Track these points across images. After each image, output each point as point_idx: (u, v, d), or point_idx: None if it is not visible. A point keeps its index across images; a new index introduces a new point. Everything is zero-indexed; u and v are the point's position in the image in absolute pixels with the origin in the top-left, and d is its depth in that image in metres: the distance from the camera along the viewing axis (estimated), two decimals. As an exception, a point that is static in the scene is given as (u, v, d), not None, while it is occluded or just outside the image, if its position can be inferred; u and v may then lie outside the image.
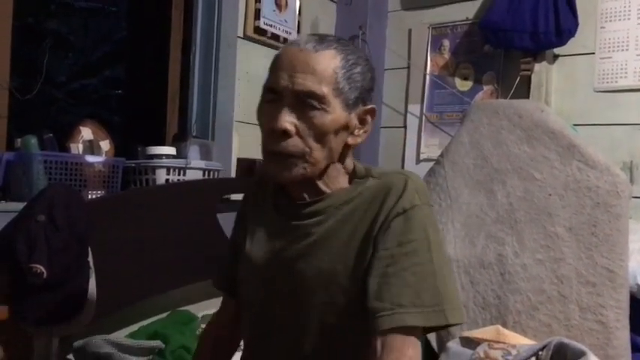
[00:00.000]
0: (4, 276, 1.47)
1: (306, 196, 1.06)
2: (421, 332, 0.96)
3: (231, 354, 1.29)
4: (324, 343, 1.03)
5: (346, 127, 1.03)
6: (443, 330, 1.93)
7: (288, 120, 0.99)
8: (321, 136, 1.00)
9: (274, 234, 1.09)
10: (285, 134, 0.99)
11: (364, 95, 1.04)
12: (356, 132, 1.05)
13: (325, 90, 0.98)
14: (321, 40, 1.01)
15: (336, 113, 1.00)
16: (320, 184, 1.06)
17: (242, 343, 1.23)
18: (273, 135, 1.00)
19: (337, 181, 1.07)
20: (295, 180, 1.03)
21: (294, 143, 0.99)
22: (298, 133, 0.99)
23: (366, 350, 0.99)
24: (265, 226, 1.12)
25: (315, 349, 1.04)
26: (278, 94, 1.00)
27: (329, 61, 0.99)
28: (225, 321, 1.25)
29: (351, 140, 1.05)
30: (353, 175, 1.08)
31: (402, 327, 0.93)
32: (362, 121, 1.05)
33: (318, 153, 1.01)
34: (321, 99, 0.98)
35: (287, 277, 1.05)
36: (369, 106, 1.05)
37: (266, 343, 1.09)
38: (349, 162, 1.09)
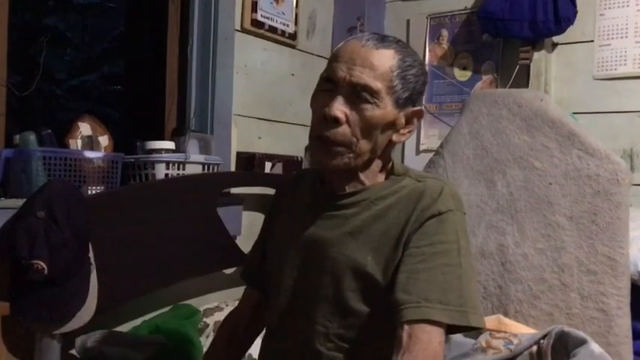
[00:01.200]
0: (5, 272, 1.48)
1: (345, 187, 1.11)
2: (445, 331, 0.98)
3: (250, 342, 1.32)
4: (349, 328, 1.06)
5: (393, 125, 1.07)
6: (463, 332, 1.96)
7: (340, 108, 1.03)
8: (369, 129, 1.04)
9: (309, 222, 1.12)
10: (336, 121, 1.03)
11: (415, 97, 1.08)
12: (401, 131, 1.09)
13: (380, 85, 1.03)
14: (383, 39, 1.07)
15: (386, 109, 1.04)
16: (361, 176, 1.10)
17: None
18: (323, 121, 1.04)
19: (376, 175, 1.11)
20: (339, 168, 1.07)
21: (343, 132, 1.04)
22: (348, 122, 1.04)
23: (388, 339, 1.00)
24: (300, 217, 1.15)
25: (339, 334, 1.07)
26: (334, 84, 1.05)
27: (387, 60, 1.04)
28: (247, 310, 1.29)
29: (395, 138, 1.09)
30: (391, 172, 1.13)
31: (428, 320, 0.95)
32: (408, 121, 1.09)
33: (364, 145, 1.05)
34: (374, 93, 1.03)
35: (319, 264, 1.09)
36: (417, 108, 1.10)
37: (291, 327, 1.13)
38: (389, 159, 1.13)
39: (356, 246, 1.06)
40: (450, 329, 1.01)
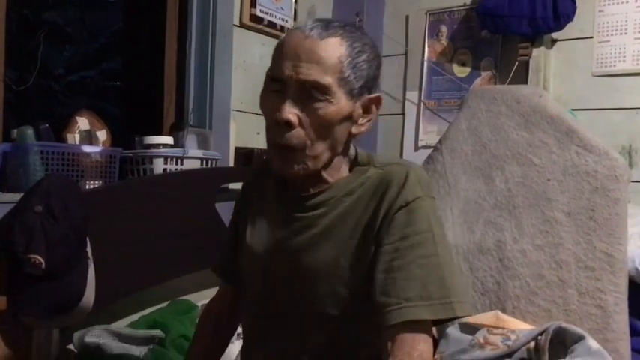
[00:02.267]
0: (2, 267, 1.47)
1: (309, 188, 1.05)
2: (431, 326, 0.95)
3: (231, 333, 1.30)
4: (325, 333, 1.02)
5: (350, 118, 1.01)
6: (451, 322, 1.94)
7: (291, 111, 0.96)
8: (324, 128, 0.98)
9: (276, 225, 1.08)
10: (289, 126, 0.96)
11: (370, 84, 1.02)
12: (360, 121, 1.03)
13: (330, 80, 0.95)
14: (327, 26, 0.98)
15: (340, 104, 0.97)
16: (324, 174, 1.04)
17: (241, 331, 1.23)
18: (276, 126, 0.98)
19: (340, 171, 1.05)
20: (299, 176, 1.01)
21: (297, 135, 0.97)
22: (301, 125, 0.97)
23: (366, 341, 0.99)
24: (266, 217, 1.11)
25: (316, 340, 1.03)
26: (282, 84, 0.98)
27: (334, 50, 0.96)
28: (224, 303, 1.26)
29: (354, 130, 1.03)
30: (354, 163, 1.07)
31: (411, 321, 0.91)
32: (366, 110, 1.03)
33: (320, 146, 0.99)
34: (325, 89, 0.96)
35: (289, 269, 1.04)
36: (375, 95, 1.03)
37: (266, 332, 1.09)
38: (352, 150, 1.08)
39: (327, 248, 1.01)
40: (440, 321, 0.97)
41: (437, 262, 0.95)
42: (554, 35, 2.53)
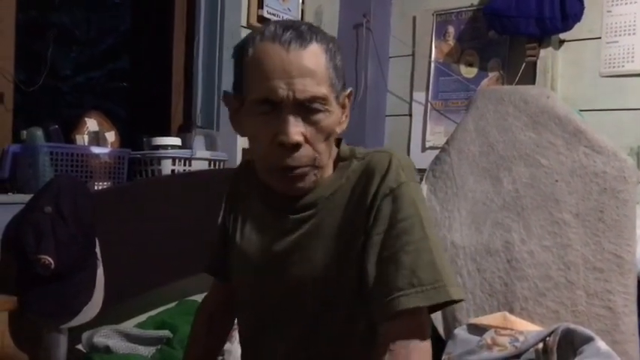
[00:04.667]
0: (12, 267, 1.48)
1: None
2: (427, 313, 0.93)
3: (227, 329, 1.30)
4: (317, 331, 1.01)
5: (338, 120, 1.00)
6: (446, 309, 1.94)
7: (296, 131, 0.93)
8: (327, 137, 0.96)
9: (265, 227, 1.06)
10: (298, 147, 0.94)
11: (344, 80, 1.00)
12: (342, 120, 1.01)
13: (324, 90, 0.94)
14: (298, 33, 0.93)
15: (335, 110, 0.97)
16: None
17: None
18: (279, 149, 0.94)
19: (326, 170, 1.03)
20: (307, 190, 0.99)
21: (306, 152, 0.95)
22: (307, 141, 0.95)
23: (357, 336, 0.97)
24: (255, 218, 1.09)
25: (308, 337, 1.02)
26: (272, 105, 0.93)
27: (318, 58, 0.93)
28: (218, 299, 1.25)
29: (339, 129, 1.01)
30: (337, 159, 1.04)
31: (404, 310, 0.89)
32: (344, 108, 1.01)
33: (325, 155, 0.98)
34: (323, 100, 0.94)
35: (280, 270, 1.02)
36: (349, 90, 1.02)
37: (261, 332, 1.08)
38: (334, 148, 1.05)
39: (317, 247, 0.98)
40: (435, 307, 0.93)
41: (426, 246, 0.92)
42: (562, 36, 2.52)
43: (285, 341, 1.04)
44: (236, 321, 1.23)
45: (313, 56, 0.93)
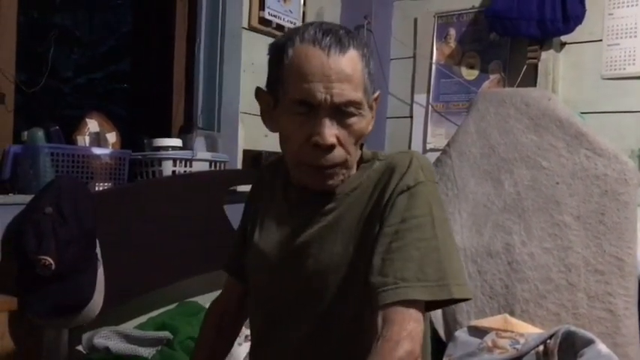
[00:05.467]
0: (13, 268, 1.48)
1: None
2: (424, 307, 0.95)
3: (237, 332, 1.30)
4: (329, 327, 1.03)
5: (369, 123, 1.04)
6: (447, 311, 1.93)
7: (332, 133, 0.97)
8: (359, 140, 1.02)
9: (286, 222, 1.09)
10: (332, 148, 0.98)
11: (374, 83, 1.04)
12: (370, 121, 1.06)
13: (360, 95, 0.99)
14: (339, 39, 0.97)
15: (368, 115, 1.02)
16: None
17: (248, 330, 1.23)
18: (314, 148, 0.99)
19: (353, 169, 1.07)
20: (334, 188, 1.04)
21: (339, 154, 1.00)
22: (341, 143, 0.99)
23: (367, 332, 0.98)
24: (275, 216, 1.12)
25: (321, 333, 1.03)
26: (310, 106, 0.97)
27: (356, 64, 0.98)
28: (230, 301, 1.26)
29: (366, 131, 1.05)
30: (360, 161, 1.08)
31: (404, 301, 0.92)
32: (372, 110, 1.05)
33: (355, 156, 1.03)
34: (359, 105, 0.99)
35: (298, 263, 1.05)
36: (377, 94, 1.06)
37: (273, 327, 1.10)
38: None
39: (335, 239, 1.02)
40: (437, 304, 0.97)
41: (435, 245, 0.95)
42: (564, 38, 2.52)
43: (297, 336, 1.05)
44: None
45: (351, 62, 0.97)
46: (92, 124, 1.92)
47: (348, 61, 0.97)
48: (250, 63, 2.40)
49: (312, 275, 1.03)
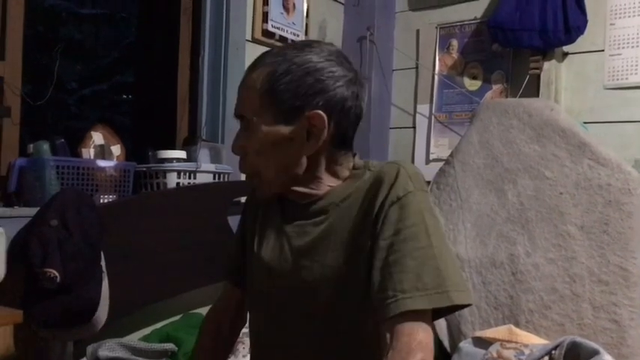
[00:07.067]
0: (18, 280, 1.49)
1: (304, 199, 1.08)
2: (430, 317, 0.95)
3: (234, 339, 1.31)
4: (330, 336, 1.04)
5: (288, 141, 1.02)
6: (452, 322, 1.93)
7: (235, 143, 1.07)
8: (258, 153, 1.04)
9: (281, 232, 1.11)
10: (241, 157, 1.07)
11: (305, 102, 1.00)
12: (307, 144, 1.02)
13: (247, 111, 1.03)
14: (261, 57, 1.05)
15: (263, 132, 1.02)
16: (310, 190, 1.07)
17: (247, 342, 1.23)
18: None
19: (325, 184, 1.07)
20: (267, 197, 1.11)
21: (246, 163, 1.07)
22: (246, 154, 1.06)
23: (370, 339, 0.99)
24: (273, 225, 1.13)
25: (322, 343, 1.05)
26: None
27: (255, 81, 1.03)
28: (229, 307, 1.27)
29: (305, 152, 1.03)
30: (352, 172, 1.09)
31: (409, 312, 0.92)
32: (311, 130, 1.02)
33: (267, 171, 1.05)
34: (248, 119, 1.03)
35: (292, 274, 1.06)
36: (311, 112, 1.01)
37: (275, 336, 1.11)
38: (335, 165, 1.07)
39: (326, 250, 1.03)
40: (440, 313, 0.97)
41: (431, 253, 0.96)
42: (566, 48, 2.53)
43: (296, 345, 1.07)
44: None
45: (251, 80, 1.04)
46: (97, 137, 1.93)
47: (250, 79, 1.04)
48: (254, 75, 2.41)
49: (304, 286, 1.05)
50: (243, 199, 2.19)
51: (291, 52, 1.03)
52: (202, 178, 2.08)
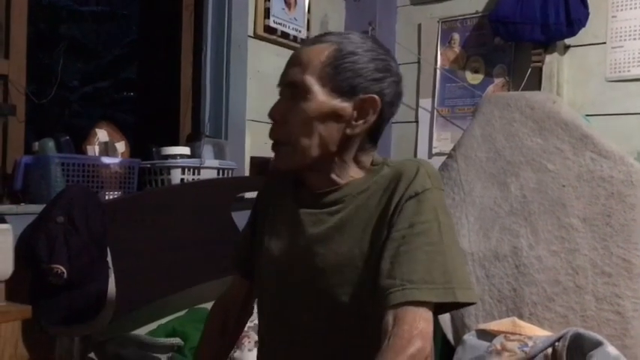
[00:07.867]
0: (25, 277, 1.50)
1: (322, 187, 1.10)
2: (432, 309, 0.97)
3: (240, 330, 1.32)
4: (341, 330, 1.05)
5: (338, 116, 1.04)
6: (455, 315, 1.94)
7: (277, 108, 1.08)
8: (304, 123, 1.04)
9: (295, 221, 1.11)
10: (274, 121, 1.08)
11: (364, 84, 1.04)
12: (353, 123, 1.05)
13: (307, 78, 1.04)
14: (323, 35, 1.08)
15: (317, 100, 1.03)
16: (332, 175, 1.09)
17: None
18: (272, 124, 1.09)
19: (349, 172, 1.09)
20: (288, 168, 1.10)
21: (282, 130, 1.07)
22: (286, 121, 1.06)
23: (373, 338, 0.99)
24: (285, 218, 1.14)
25: (333, 337, 1.06)
26: (280, 88, 1.09)
27: (318, 53, 1.05)
28: (236, 299, 1.28)
29: (349, 131, 1.06)
30: (371, 167, 1.12)
31: (413, 302, 0.94)
32: (361, 112, 1.05)
33: (305, 141, 1.05)
34: (301, 86, 1.04)
35: (304, 263, 1.07)
36: (367, 96, 1.05)
37: (283, 332, 1.12)
38: (362, 155, 1.10)
39: (341, 240, 1.05)
40: (442, 308, 1.00)
41: (441, 249, 0.99)
42: (567, 41, 2.53)
43: (305, 336, 1.08)
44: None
45: (312, 52, 1.06)
46: (101, 134, 1.94)
47: (310, 51, 1.06)
48: (256, 71, 2.42)
49: (317, 274, 1.06)
50: (247, 195, 2.21)
51: (355, 37, 1.08)
52: (206, 174, 2.09)
